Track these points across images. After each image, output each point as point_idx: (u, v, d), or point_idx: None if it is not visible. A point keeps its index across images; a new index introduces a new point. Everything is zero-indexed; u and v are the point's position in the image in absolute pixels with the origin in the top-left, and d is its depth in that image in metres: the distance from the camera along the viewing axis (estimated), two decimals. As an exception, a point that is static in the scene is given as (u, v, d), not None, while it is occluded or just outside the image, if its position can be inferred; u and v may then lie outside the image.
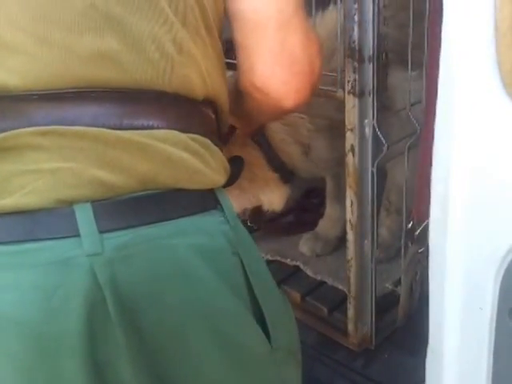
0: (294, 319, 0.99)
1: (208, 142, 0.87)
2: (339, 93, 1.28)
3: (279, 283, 1.81)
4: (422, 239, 1.30)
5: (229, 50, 1.54)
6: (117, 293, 0.76)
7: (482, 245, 0.81)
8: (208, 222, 0.85)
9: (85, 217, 0.76)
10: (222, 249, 0.84)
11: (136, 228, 0.78)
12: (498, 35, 0.73)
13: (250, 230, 2.06)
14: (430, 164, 1.11)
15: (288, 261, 1.89)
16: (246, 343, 0.86)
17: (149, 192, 0.80)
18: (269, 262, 1.92)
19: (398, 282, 1.58)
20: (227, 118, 1.00)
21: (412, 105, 1.36)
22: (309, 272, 1.83)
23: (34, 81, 0.77)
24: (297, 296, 1.77)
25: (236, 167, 1.06)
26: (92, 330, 0.76)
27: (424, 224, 1.25)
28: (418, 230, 1.31)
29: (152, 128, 0.81)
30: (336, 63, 1.29)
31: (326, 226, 1.92)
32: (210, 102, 0.91)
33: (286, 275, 1.86)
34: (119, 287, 0.76)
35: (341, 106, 1.29)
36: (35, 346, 0.76)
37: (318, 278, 1.80)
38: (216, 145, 0.90)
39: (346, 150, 1.32)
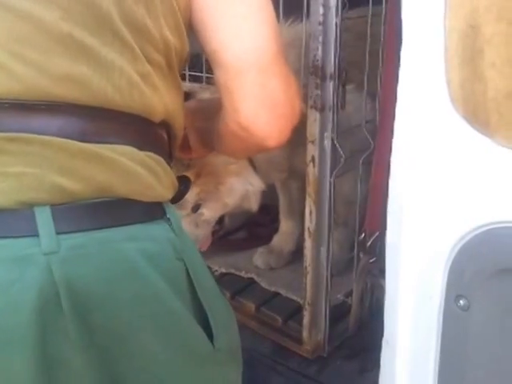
0: (236, 322, 1.04)
1: (161, 160, 0.94)
2: (302, 107, 1.34)
3: (234, 295, 1.85)
4: (373, 250, 1.35)
5: (195, 64, 1.60)
6: (71, 289, 0.80)
7: (431, 240, 0.88)
8: (155, 229, 0.90)
9: (44, 218, 0.81)
10: (167, 254, 0.89)
11: (91, 231, 0.84)
12: (447, 57, 0.82)
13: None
14: (383, 177, 1.19)
15: (242, 273, 1.92)
16: (189, 343, 0.91)
17: (104, 199, 0.85)
18: (223, 275, 1.95)
19: (349, 294, 1.63)
20: (179, 142, 1.07)
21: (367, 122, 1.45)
22: (263, 284, 1.87)
23: (6, 91, 0.83)
24: (251, 307, 1.80)
25: (183, 186, 1.14)
26: (44, 323, 0.80)
27: (375, 235, 1.31)
28: (370, 241, 1.36)
29: (112, 143, 0.87)
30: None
31: (280, 240, 1.97)
32: (165, 126, 0.98)
33: (240, 287, 1.89)
34: (73, 284, 0.80)
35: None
36: None
37: (272, 289, 1.84)
38: (168, 163, 0.97)
39: (307, 161, 1.39)
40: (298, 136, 1.38)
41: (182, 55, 1.00)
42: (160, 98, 0.93)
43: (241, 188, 1.66)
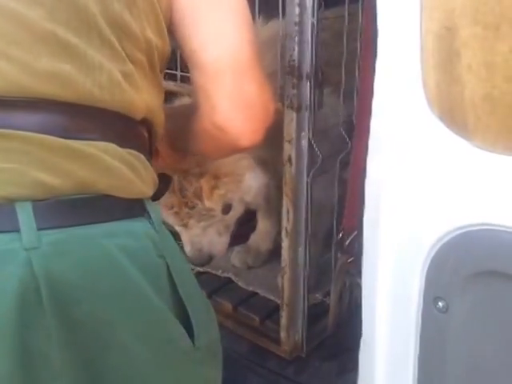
0: (216, 321, 1.04)
1: (142, 157, 0.95)
2: (278, 106, 1.34)
3: (211, 294, 1.83)
4: (351, 250, 1.32)
5: (170, 61, 1.58)
6: (51, 284, 0.80)
7: (408, 243, 0.89)
8: (135, 226, 0.91)
9: (25, 214, 0.81)
10: (148, 250, 0.90)
11: (71, 227, 0.84)
12: (423, 58, 0.82)
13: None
14: (360, 177, 1.19)
15: (219, 272, 1.91)
16: (169, 341, 0.91)
17: (85, 196, 0.86)
18: (200, 274, 1.91)
19: (327, 293, 1.62)
20: (159, 139, 1.08)
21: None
22: (240, 283, 1.86)
23: None
24: (229, 306, 1.79)
25: (163, 183, 1.13)
26: (24, 316, 0.80)
27: (353, 235, 1.29)
28: (348, 241, 1.36)
29: (94, 140, 0.88)
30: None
31: (257, 239, 1.97)
32: (146, 123, 0.99)
33: (217, 286, 1.88)
34: (53, 279, 0.80)
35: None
36: None
37: (250, 288, 1.83)
38: (148, 160, 0.97)
39: (284, 161, 1.39)
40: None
41: (164, 54, 1.01)
42: (141, 96, 0.94)
43: (256, 184, 1.65)
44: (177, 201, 1.55)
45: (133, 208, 0.92)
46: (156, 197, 1.02)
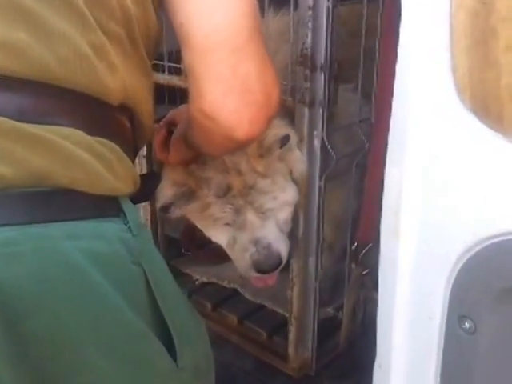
0: (207, 337, 0.95)
1: (117, 148, 0.85)
2: (289, 102, 1.27)
3: (215, 306, 1.81)
4: (366, 261, 1.30)
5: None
6: None
7: (431, 253, 0.83)
8: (105, 227, 0.81)
9: None
10: (119, 256, 0.80)
11: (25, 225, 0.74)
12: (452, 38, 0.75)
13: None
14: (378, 182, 1.13)
15: (225, 283, 1.86)
16: (145, 360, 0.82)
17: (42, 189, 0.76)
18: (204, 284, 1.90)
19: (340, 307, 1.57)
20: (148, 133, 0.98)
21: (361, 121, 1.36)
22: (247, 295, 1.80)
23: None
24: (234, 319, 1.75)
25: (151, 183, 1.05)
26: None
27: (368, 246, 1.25)
28: (363, 252, 1.29)
29: (56, 124, 0.79)
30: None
31: (265, 248, 1.88)
32: (126, 111, 0.90)
33: (222, 298, 1.84)
34: (2, 287, 0.70)
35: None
36: None
37: (257, 301, 1.77)
38: (129, 154, 0.88)
39: (294, 162, 1.31)
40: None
41: (149, 30, 0.91)
42: (117, 77, 0.85)
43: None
44: (235, 180, 1.35)
45: (102, 207, 0.82)
46: (141, 198, 0.93)
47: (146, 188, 0.96)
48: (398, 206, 0.85)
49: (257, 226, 1.35)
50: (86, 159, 0.79)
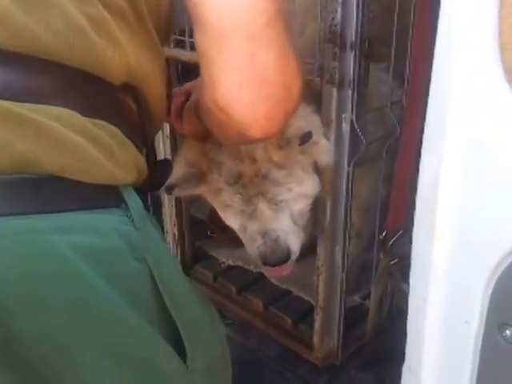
0: (223, 335, 0.91)
1: (118, 132, 0.79)
2: (316, 82, 1.20)
3: (241, 290, 1.80)
4: (395, 250, 1.25)
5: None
6: None
7: (470, 253, 0.78)
8: (102, 220, 0.75)
9: None
10: (118, 252, 0.75)
11: (8, 217, 0.69)
12: (501, 13, 0.67)
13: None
14: (410, 168, 1.08)
15: (251, 267, 1.83)
16: (148, 360, 0.77)
17: (27, 176, 0.70)
18: (230, 268, 1.89)
19: (367, 296, 1.55)
20: (158, 119, 0.92)
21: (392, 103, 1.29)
22: (273, 280, 1.78)
23: None
24: (259, 304, 1.73)
25: (163, 171, 0.98)
26: None
27: (398, 235, 1.21)
28: (391, 241, 1.25)
29: (45, 103, 0.72)
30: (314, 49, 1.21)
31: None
32: (131, 91, 0.83)
33: (248, 282, 1.82)
34: None
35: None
36: None
37: (283, 286, 1.76)
38: (131, 138, 0.82)
39: (322, 146, 1.25)
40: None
41: (158, 5, 0.84)
42: (119, 54, 0.78)
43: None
44: (248, 168, 1.29)
45: (99, 197, 0.76)
46: (154, 187, 0.88)
47: (158, 176, 0.90)
48: (434, 199, 0.78)
49: (267, 216, 1.30)
50: (80, 143, 0.73)
